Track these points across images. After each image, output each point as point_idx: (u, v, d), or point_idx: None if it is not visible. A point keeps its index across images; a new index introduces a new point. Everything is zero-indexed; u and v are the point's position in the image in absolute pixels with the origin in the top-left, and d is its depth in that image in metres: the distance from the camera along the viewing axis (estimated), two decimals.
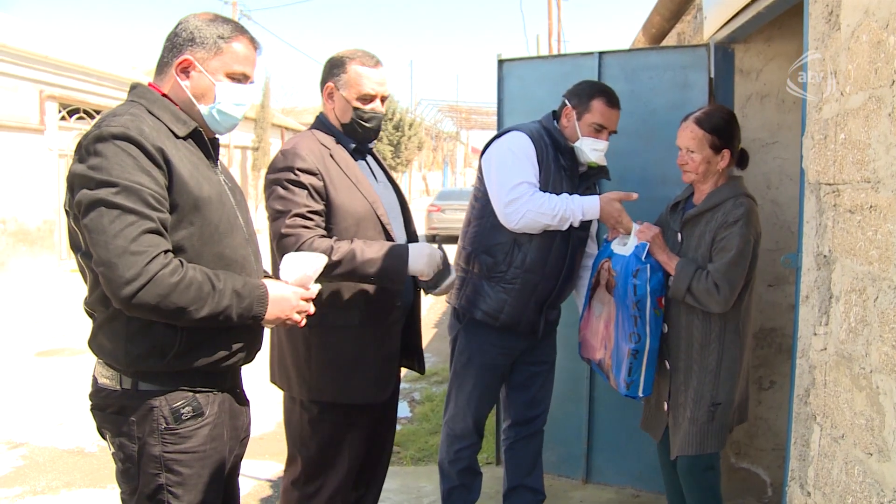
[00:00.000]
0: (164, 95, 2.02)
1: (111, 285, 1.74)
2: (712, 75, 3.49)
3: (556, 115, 3.23)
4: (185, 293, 1.79)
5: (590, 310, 3.17)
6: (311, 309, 2.13)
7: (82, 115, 15.41)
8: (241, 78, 2.08)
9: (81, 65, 15.26)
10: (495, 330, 3.16)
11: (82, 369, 6.98)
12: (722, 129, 2.77)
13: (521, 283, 3.07)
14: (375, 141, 2.87)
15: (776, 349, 3.66)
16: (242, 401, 2.22)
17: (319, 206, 2.59)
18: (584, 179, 3.19)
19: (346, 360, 2.66)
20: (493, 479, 4.11)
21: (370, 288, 2.68)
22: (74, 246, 1.94)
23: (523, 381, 3.37)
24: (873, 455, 1.78)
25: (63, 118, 14.78)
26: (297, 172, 2.56)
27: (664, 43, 5.26)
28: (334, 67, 2.75)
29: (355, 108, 2.71)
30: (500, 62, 4.07)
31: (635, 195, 3.03)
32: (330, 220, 2.63)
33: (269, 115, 24.16)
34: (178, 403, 1.95)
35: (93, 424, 2.07)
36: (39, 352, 7.80)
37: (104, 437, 2.05)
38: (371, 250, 2.54)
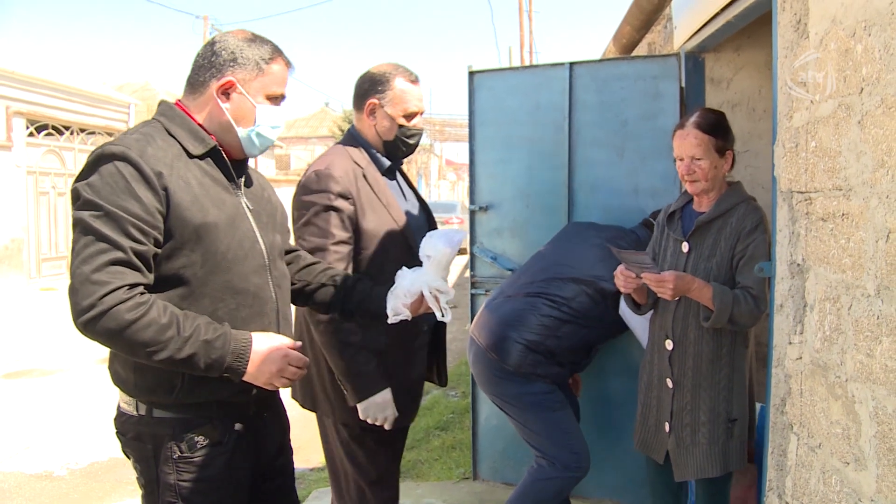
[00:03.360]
0: (187, 114, 1.96)
1: (71, 309, 1.69)
2: (683, 85, 3.49)
3: None
4: (142, 333, 1.69)
5: None
6: (303, 372, 1.98)
7: (51, 131, 15.24)
8: (278, 99, 2.04)
9: (49, 80, 15.10)
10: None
11: (51, 391, 6.86)
12: (721, 130, 2.65)
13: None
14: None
15: (751, 357, 3.66)
16: (270, 421, 2.11)
17: (349, 234, 2.54)
18: None
19: None
20: (470, 494, 4.08)
21: None
22: None
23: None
24: (850, 464, 1.77)
25: (31, 134, 14.59)
26: (332, 197, 2.50)
27: (635, 53, 5.29)
28: (377, 83, 2.65)
29: (400, 126, 2.65)
30: (471, 74, 4.05)
31: None
32: (358, 244, 2.57)
33: None
34: (192, 433, 1.88)
35: (60, 448, 2.03)
36: (7, 373, 7.65)
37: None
38: None
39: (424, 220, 2.86)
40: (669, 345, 2.70)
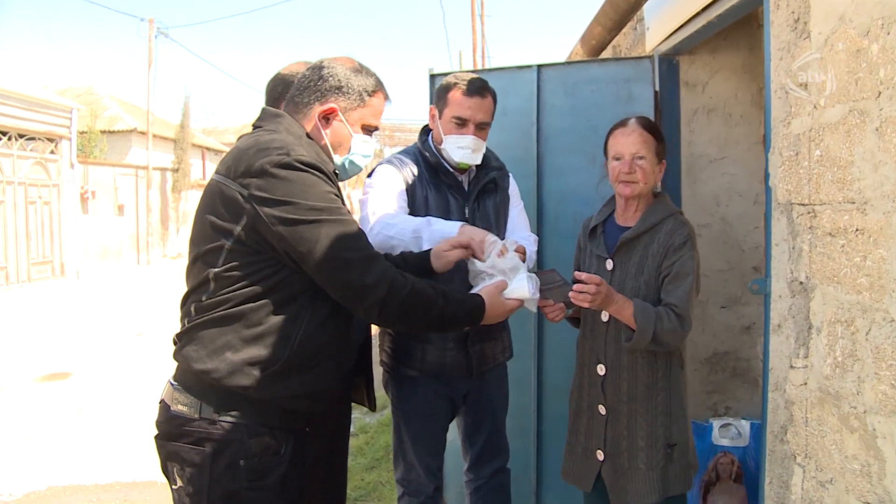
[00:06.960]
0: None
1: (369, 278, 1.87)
2: (657, 88, 3.34)
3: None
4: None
5: None
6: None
7: None
8: (372, 131, 2.15)
9: None
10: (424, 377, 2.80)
11: None
12: (661, 136, 2.53)
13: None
14: None
15: (730, 373, 3.52)
16: (310, 437, 2.12)
17: None
18: (481, 194, 2.81)
19: None
20: None
21: None
22: (208, 263, 1.92)
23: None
24: None
25: None
26: None
27: (600, 56, 5.14)
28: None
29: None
30: (433, 77, 3.84)
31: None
32: None
33: (189, 135, 23.48)
34: (257, 439, 1.90)
35: None
36: None
37: (166, 472, 1.96)
38: None
39: None
40: (602, 370, 2.51)
